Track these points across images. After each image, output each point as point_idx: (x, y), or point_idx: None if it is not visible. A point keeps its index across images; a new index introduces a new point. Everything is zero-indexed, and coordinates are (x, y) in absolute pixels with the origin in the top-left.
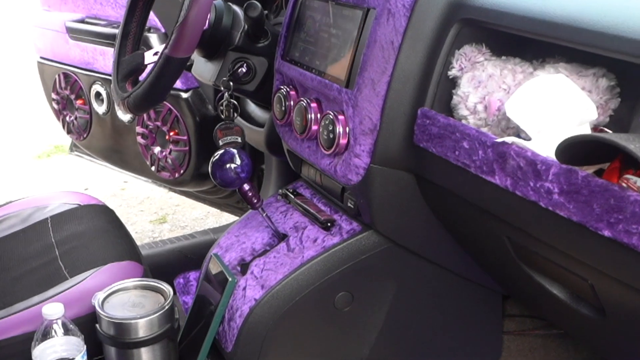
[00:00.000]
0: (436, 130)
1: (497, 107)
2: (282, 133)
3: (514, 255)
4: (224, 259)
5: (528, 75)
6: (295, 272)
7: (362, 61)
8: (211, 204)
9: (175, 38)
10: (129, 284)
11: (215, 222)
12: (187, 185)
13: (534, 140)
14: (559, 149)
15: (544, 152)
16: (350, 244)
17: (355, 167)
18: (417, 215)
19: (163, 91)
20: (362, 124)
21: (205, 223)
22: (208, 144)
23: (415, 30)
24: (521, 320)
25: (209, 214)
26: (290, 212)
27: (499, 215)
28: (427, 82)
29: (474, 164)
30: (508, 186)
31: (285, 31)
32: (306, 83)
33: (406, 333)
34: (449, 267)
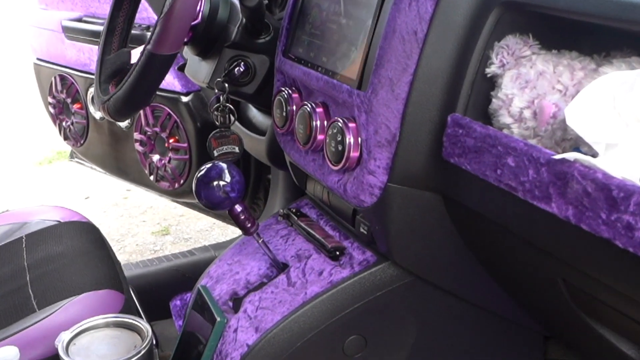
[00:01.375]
0: (472, 143)
1: (551, 113)
2: (283, 143)
3: (570, 300)
4: (213, 291)
5: (590, 72)
6: (296, 313)
7: (378, 56)
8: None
9: (158, 32)
10: (99, 321)
11: (221, 234)
12: (188, 196)
13: (602, 156)
14: None
15: (619, 174)
16: (363, 279)
17: (369, 186)
18: (444, 245)
19: (146, 94)
20: (377, 134)
21: (210, 235)
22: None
23: (445, 17)
24: None
25: (215, 225)
26: (292, 236)
27: (553, 253)
28: (460, 81)
29: (522, 187)
30: (570, 217)
31: (287, 23)
32: (311, 84)
33: None
34: (482, 304)
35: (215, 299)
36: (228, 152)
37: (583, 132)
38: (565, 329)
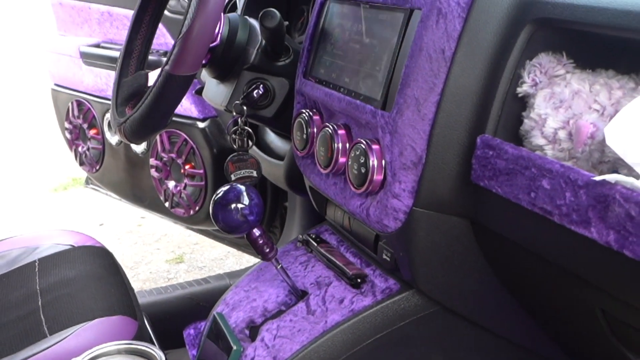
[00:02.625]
0: (503, 165)
1: (589, 133)
2: (303, 167)
3: (609, 333)
4: (229, 319)
5: (629, 91)
6: (316, 342)
7: (404, 75)
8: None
9: (177, 52)
10: (111, 347)
11: (235, 263)
12: (203, 223)
13: None
14: None
15: None
16: (386, 307)
17: (393, 210)
18: (471, 273)
19: (164, 115)
20: (402, 156)
21: (224, 264)
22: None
23: (474, 34)
24: None
25: (229, 254)
26: (311, 263)
27: (592, 281)
28: (489, 101)
29: (559, 211)
30: (611, 243)
31: (308, 44)
32: (333, 105)
33: None
34: (510, 337)
35: (232, 326)
36: (246, 176)
37: (624, 153)
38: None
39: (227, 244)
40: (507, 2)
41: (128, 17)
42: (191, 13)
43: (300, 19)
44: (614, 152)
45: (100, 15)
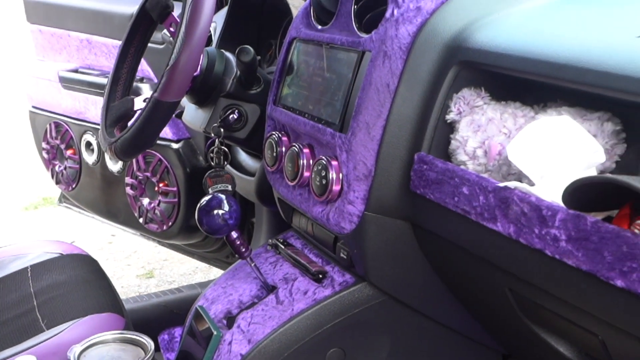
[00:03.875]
0: (434, 176)
1: (497, 151)
2: (273, 180)
3: (517, 309)
4: (209, 311)
5: (530, 119)
6: (284, 326)
7: (357, 104)
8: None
9: (165, 82)
10: (108, 336)
11: (203, 277)
12: (175, 238)
13: (537, 185)
14: (566, 192)
15: (548, 198)
16: (343, 297)
17: (349, 214)
18: (413, 267)
19: (151, 136)
20: (356, 169)
21: (193, 279)
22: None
23: (412, 72)
24: None
25: (197, 269)
26: (280, 263)
27: (501, 266)
28: (424, 126)
29: (475, 211)
30: (511, 233)
31: (278, 76)
32: (299, 128)
33: None
34: (447, 323)
35: (212, 317)
36: (222, 190)
37: (521, 165)
38: (517, 340)
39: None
40: (438, 47)
41: (106, 45)
42: (177, 48)
43: (268, 52)
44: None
45: (79, 42)
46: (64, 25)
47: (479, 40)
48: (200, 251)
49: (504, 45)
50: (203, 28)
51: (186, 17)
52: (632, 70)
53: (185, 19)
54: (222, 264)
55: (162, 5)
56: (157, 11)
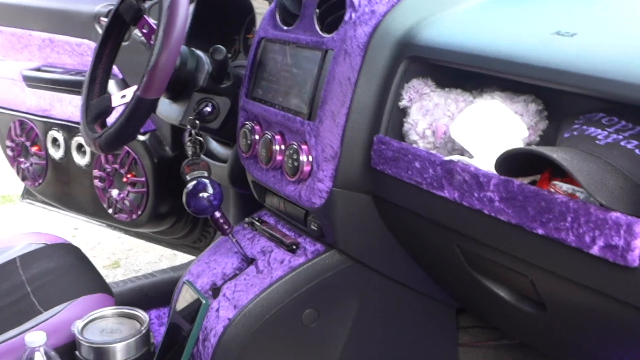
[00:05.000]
0: (391, 154)
1: (443, 131)
2: (247, 165)
3: (465, 262)
4: (195, 284)
5: (469, 103)
6: (265, 292)
7: (323, 96)
8: (167, 245)
9: (146, 80)
10: (107, 312)
11: (169, 264)
12: (145, 226)
13: (475, 158)
14: (497, 161)
15: (484, 167)
16: (315, 263)
17: (318, 191)
18: (375, 234)
19: (134, 130)
20: (324, 152)
21: (158, 266)
22: (166, 184)
23: (369, 67)
24: (474, 332)
25: (162, 257)
26: (257, 238)
27: (449, 226)
28: (381, 112)
29: (425, 181)
30: (456, 198)
31: (249, 72)
32: (270, 118)
33: (368, 348)
34: (406, 282)
35: (199, 289)
36: (198, 176)
37: (462, 142)
38: (466, 291)
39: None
40: (391, 45)
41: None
42: (157, 49)
43: (233, 47)
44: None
45: (41, 41)
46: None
47: (424, 37)
48: (167, 238)
49: (445, 41)
50: (180, 30)
51: (164, 20)
52: (547, 62)
53: (163, 21)
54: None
55: (134, 9)
56: (130, 14)
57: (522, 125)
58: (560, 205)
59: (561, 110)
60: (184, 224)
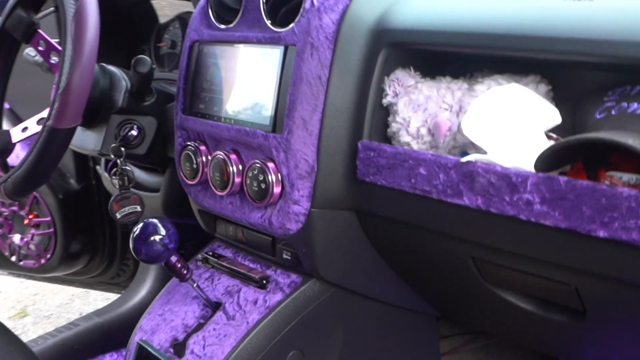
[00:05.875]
0: (384, 162)
1: (447, 127)
2: (193, 194)
3: (479, 275)
4: (152, 343)
5: (465, 91)
6: (243, 341)
7: (290, 101)
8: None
9: (59, 106)
10: None
11: (82, 304)
12: (56, 269)
13: (490, 154)
14: (544, 156)
15: (509, 165)
16: (295, 299)
17: (294, 214)
18: (360, 255)
19: (49, 169)
20: (297, 168)
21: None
22: (75, 221)
23: (342, 61)
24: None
25: (74, 296)
26: (216, 276)
27: (465, 237)
28: (362, 113)
29: (436, 189)
30: (480, 205)
31: (183, 83)
32: (220, 135)
33: None
34: (387, 299)
35: (157, 349)
36: (131, 212)
37: (477, 138)
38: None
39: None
40: (364, 32)
41: None
42: (67, 68)
43: None
44: (462, 138)
45: None
46: None
47: (403, 19)
48: (82, 278)
49: (430, 21)
50: (92, 42)
51: (71, 31)
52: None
53: (69, 34)
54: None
55: (25, 24)
56: (20, 31)
57: (554, 110)
58: (628, 200)
59: (569, 90)
60: (100, 261)
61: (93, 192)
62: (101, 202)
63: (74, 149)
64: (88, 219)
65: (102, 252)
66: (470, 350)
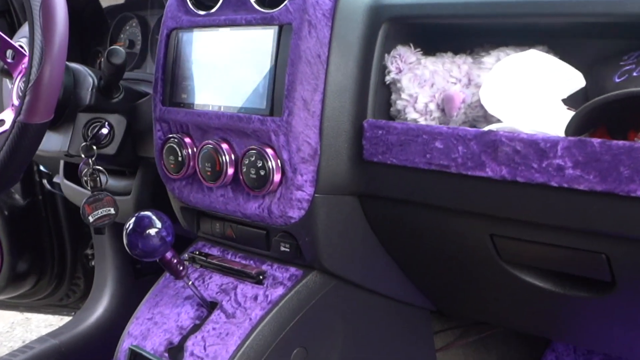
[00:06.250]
0: (395, 139)
1: (461, 99)
2: (177, 189)
3: (496, 254)
4: (145, 348)
5: (471, 64)
6: (249, 338)
7: (288, 81)
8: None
9: (30, 100)
10: None
11: (24, 331)
12: (1, 293)
13: (506, 122)
14: (578, 117)
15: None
16: (298, 291)
17: (297, 201)
18: (362, 244)
19: (19, 169)
20: (300, 151)
21: (12, 336)
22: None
23: (341, 38)
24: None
25: (14, 324)
26: (207, 276)
27: (485, 212)
28: (365, 92)
29: (455, 163)
30: (505, 175)
31: (161, 74)
32: (208, 123)
33: None
34: (387, 292)
35: (151, 353)
36: (104, 214)
37: (495, 108)
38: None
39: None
40: (362, 9)
41: None
42: (37, 59)
43: (97, 59)
44: (473, 112)
45: None
46: None
47: None
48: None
49: None
50: (62, 31)
51: (38, 22)
52: None
53: (38, 24)
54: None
55: None
56: None
57: (578, 73)
58: None
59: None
60: (48, 281)
61: (39, 208)
62: (49, 218)
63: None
64: (35, 237)
65: (50, 271)
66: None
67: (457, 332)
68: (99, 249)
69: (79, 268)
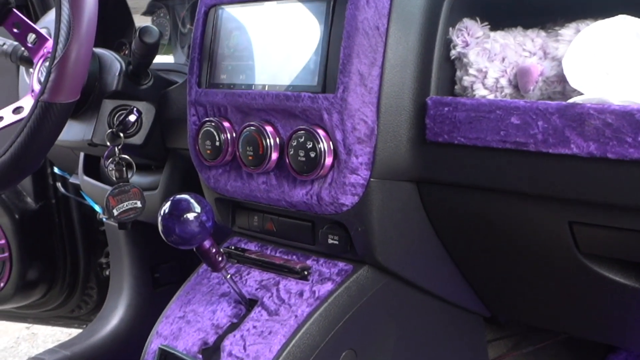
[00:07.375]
0: (463, 115)
1: (539, 72)
2: (212, 178)
3: (574, 246)
4: (177, 349)
5: (545, 38)
6: (295, 337)
7: (344, 55)
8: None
9: (55, 79)
10: None
11: (30, 346)
12: (10, 301)
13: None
14: None
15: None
16: (349, 287)
17: (351, 186)
18: (418, 237)
19: (39, 153)
20: (355, 131)
21: (18, 352)
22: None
23: (402, 10)
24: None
25: (20, 339)
26: (244, 271)
27: (566, 196)
28: (428, 67)
29: (534, 139)
30: (593, 152)
31: (198, 54)
32: (251, 104)
33: None
34: (442, 293)
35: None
36: (130, 208)
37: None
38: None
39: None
40: None
41: None
42: (64, 37)
43: (122, 52)
44: (548, 89)
45: None
46: None
47: None
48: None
49: None
50: (92, 8)
51: None
52: None
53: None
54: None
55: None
56: None
57: None
58: None
59: None
60: (60, 291)
61: (52, 213)
62: (62, 224)
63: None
64: (47, 243)
65: (62, 280)
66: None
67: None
68: (115, 255)
69: (92, 277)
